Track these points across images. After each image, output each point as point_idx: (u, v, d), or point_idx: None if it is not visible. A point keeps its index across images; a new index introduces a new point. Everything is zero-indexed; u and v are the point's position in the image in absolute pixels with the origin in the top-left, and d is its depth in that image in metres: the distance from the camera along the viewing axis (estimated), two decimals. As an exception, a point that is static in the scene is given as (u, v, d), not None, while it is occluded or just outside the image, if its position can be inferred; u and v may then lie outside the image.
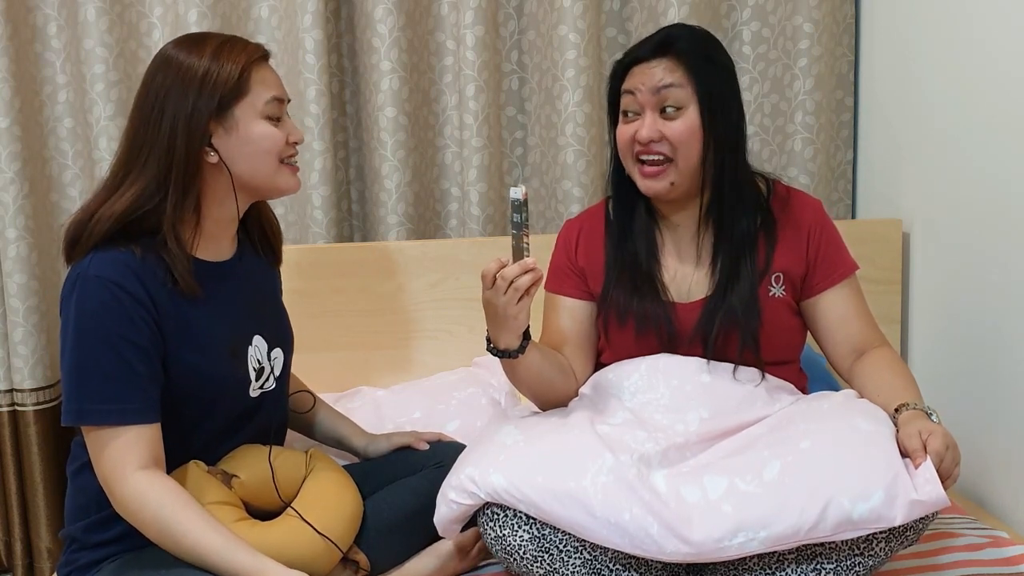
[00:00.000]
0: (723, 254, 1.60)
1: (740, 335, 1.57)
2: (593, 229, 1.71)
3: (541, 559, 1.41)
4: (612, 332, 1.64)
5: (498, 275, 1.41)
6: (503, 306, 1.42)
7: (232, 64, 1.42)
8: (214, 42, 1.45)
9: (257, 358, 1.53)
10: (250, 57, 1.45)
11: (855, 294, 1.65)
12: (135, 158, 1.41)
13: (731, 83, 1.60)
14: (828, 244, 1.64)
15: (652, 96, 1.55)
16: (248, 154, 1.45)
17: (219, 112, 1.42)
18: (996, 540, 1.61)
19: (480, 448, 1.51)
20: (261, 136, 1.45)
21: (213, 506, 1.41)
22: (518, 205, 1.42)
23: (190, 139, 1.40)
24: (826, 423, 1.45)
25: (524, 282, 1.40)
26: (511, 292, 1.41)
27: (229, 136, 1.43)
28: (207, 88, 1.41)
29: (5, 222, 2.16)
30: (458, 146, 2.35)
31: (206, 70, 1.41)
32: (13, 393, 2.24)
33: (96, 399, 1.35)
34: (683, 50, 1.55)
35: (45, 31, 2.23)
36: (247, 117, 1.44)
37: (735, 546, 1.32)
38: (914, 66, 2.13)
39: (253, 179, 1.47)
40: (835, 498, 1.32)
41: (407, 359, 2.19)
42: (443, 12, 2.33)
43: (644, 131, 1.55)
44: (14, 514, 2.29)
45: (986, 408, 1.90)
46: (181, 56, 1.43)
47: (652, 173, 1.57)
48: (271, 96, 1.46)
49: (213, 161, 1.43)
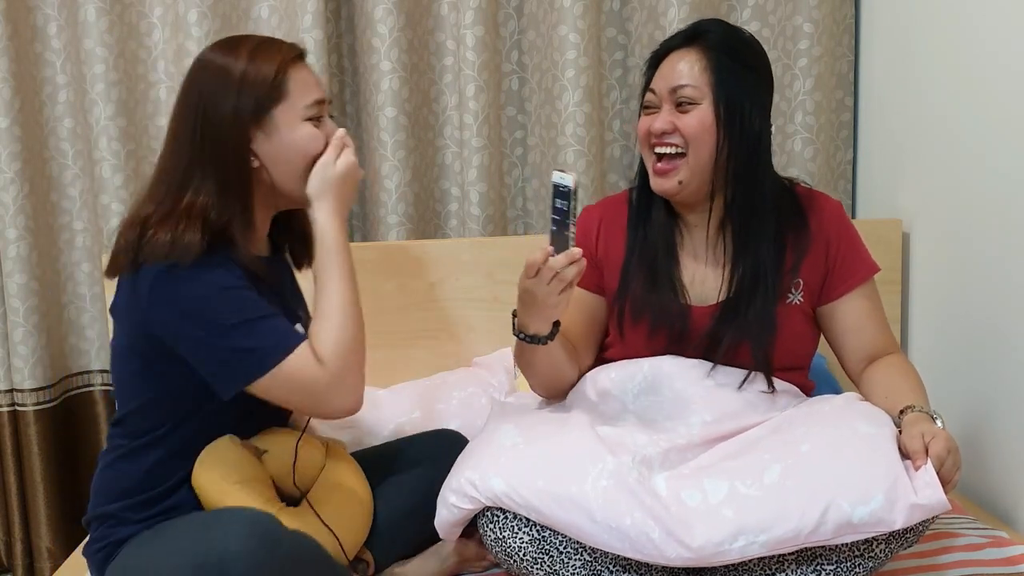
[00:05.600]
0: (741, 260, 1.57)
1: (752, 346, 1.55)
2: (614, 220, 1.69)
3: (541, 561, 1.41)
4: (627, 328, 1.63)
5: (544, 265, 1.39)
6: (544, 295, 1.41)
7: (268, 64, 1.41)
8: (250, 43, 1.44)
9: None
10: (285, 57, 1.43)
11: (871, 300, 1.62)
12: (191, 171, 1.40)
13: (756, 86, 1.56)
14: (848, 248, 1.61)
15: (669, 93, 1.55)
16: (288, 158, 1.44)
17: (257, 115, 1.41)
18: (996, 540, 1.61)
19: (479, 450, 1.50)
20: (303, 139, 1.44)
21: (248, 483, 1.44)
22: (566, 192, 1.35)
23: (239, 147, 1.40)
24: (827, 426, 1.44)
25: (570, 273, 1.39)
26: (555, 283, 1.39)
27: (270, 140, 1.42)
28: (246, 89, 1.40)
29: (5, 222, 2.16)
30: (458, 146, 2.35)
31: (244, 71, 1.40)
32: (13, 393, 2.25)
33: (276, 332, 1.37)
34: (710, 44, 1.54)
35: (45, 31, 2.24)
36: (289, 121, 1.42)
37: (735, 550, 1.32)
38: (914, 66, 2.13)
39: (290, 185, 1.45)
40: (835, 501, 1.31)
41: (407, 359, 2.19)
42: (443, 12, 2.33)
43: (658, 123, 1.55)
44: (14, 514, 2.29)
45: (986, 408, 1.90)
46: (218, 59, 1.43)
47: (662, 171, 1.56)
48: (312, 100, 1.44)
49: (255, 166, 1.43)
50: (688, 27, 1.60)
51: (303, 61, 1.47)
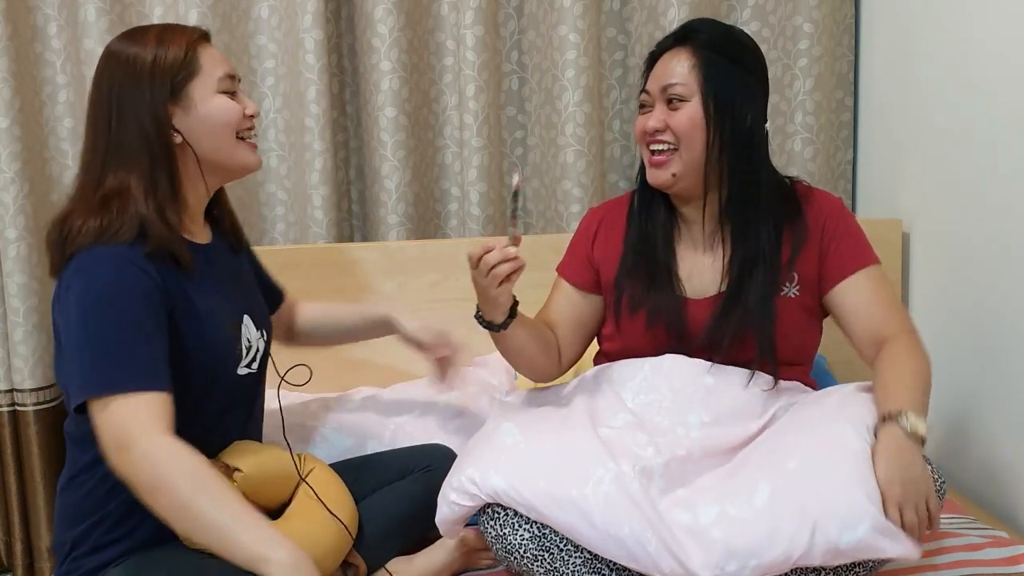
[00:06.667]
0: (738, 254, 1.60)
1: (757, 335, 1.57)
2: (615, 221, 1.73)
3: (542, 558, 1.41)
4: (623, 320, 1.66)
5: (481, 260, 1.45)
6: (484, 287, 1.48)
7: (176, 47, 1.45)
8: (155, 30, 1.48)
9: (248, 336, 1.54)
10: (191, 38, 1.48)
11: (874, 283, 1.61)
12: (112, 157, 1.43)
13: (749, 84, 1.58)
14: (844, 237, 1.62)
15: (661, 92, 1.59)
16: (208, 130, 1.47)
17: (174, 94, 1.44)
18: (996, 540, 1.61)
19: (480, 447, 1.51)
20: (219, 109, 1.47)
21: None
22: (514, 193, 1.46)
23: (158, 126, 1.43)
24: (816, 437, 1.43)
25: (503, 271, 1.45)
26: (491, 277, 1.45)
27: (188, 115, 1.46)
28: (159, 73, 1.43)
29: (5, 222, 2.16)
30: (458, 146, 2.35)
31: (154, 56, 1.44)
32: (13, 393, 2.24)
33: (126, 366, 1.32)
34: (700, 42, 1.58)
35: (45, 31, 2.23)
36: (203, 94, 1.46)
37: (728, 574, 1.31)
38: (914, 66, 2.13)
39: (217, 156, 1.49)
40: (822, 526, 1.31)
41: (407, 359, 2.18)
42: (443, 12, 2.33)
43: (651, 121, 1.60)
44: (14, 514, 2.29)
45: (986, 408, 1.90)
46: (126, 49, 1.45)
47: (657, 163, 1.60)
48: (223, 73, 1.49)
49: (178, 142, 1.46)
50: (679, 27, 1.64)
51: (209, 41, 1.52)
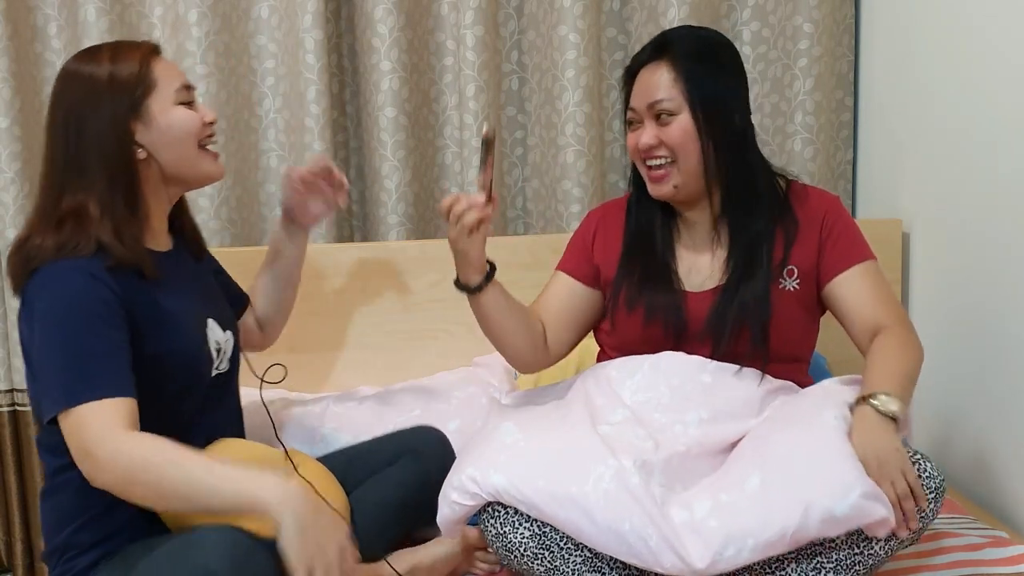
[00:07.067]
0: (737, 248, 1.62)
1: (750, 327, 1.58)
2: (612, 223, 1.74)
3: (542, 556, 1.41)
4: (619, 318, 1.66)
5: (451, 210, 1.47)
6: (454, 238, 1.50)
7: (131, 62, 1.47)
8: (108, 48, 1.50)
9: (216, 339, 1.56)
10: (144, 52, 1.50)
11: (870, 278, 1.62)
12: (70, 177, 1.44)
13: (731, 84, 1.61)
14: (841, 233, 1.63)
15: (648, 109, 1.60)
16: (170, 141, 1.49)
17: (134, 109, 1.46)
18: (996, 540, 1.61)
19: (480, 446, 1.51)
20: (179, 120, 1.50)
21: None
22: (483, 142, 1.46)
23: (121, 143, 1.45)
24: (805, 422, 1.45)
25: (470, 219, 1.46)
26: (460, 227, 1.47)
27: (149, 129, 1.47)
28: (117, 89, 1.45)
29: (5, 222, 2.16)
30: (458, 146, 2.36)
31: (110, 73, 1.46)
32: (13, 393, 2.24)
33: (87, 376, 1.34)
34: (678, 54, 1.59)
35: (45, 31, 2.24)
36: (162, 107, 1.48)
37: (727, 560, 1.32)
38: (914, 66, 2.13)
39: (180, 168, 1.51)
40: (816, 499, 1.32)
41: (407, 359, 2.19)
42: (443, 12, 2.33)
43: (643, 139, 1.60)
44: (14, 514, 2.29)
45: (986, 408, 1.90)
46: (82, 68, 1.47)
47: (657, 177, 1.61)
48: (180, 84, 1.51)
49: (142, 157, 1.48)
50: (654, 39, 1.64)
51: (160, 55, 1.54)
